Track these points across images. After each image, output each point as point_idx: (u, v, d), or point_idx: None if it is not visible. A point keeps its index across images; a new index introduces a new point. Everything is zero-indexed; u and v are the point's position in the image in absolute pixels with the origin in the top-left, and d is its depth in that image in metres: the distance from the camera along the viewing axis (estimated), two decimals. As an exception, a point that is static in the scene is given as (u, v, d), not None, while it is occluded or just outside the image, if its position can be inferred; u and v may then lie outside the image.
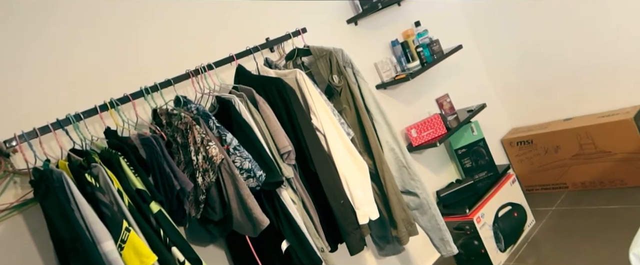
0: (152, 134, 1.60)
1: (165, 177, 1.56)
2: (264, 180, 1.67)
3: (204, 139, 1.60)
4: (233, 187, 1.63)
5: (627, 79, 2.81)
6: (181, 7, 2.09)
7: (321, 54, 2.03)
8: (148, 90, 1.76)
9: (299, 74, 1.87)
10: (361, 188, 1.88)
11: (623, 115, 2.78)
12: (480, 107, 2.87)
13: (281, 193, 1.76)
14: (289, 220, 1.76)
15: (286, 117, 1.84)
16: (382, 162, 2.03)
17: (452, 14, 3.27)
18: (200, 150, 1.61)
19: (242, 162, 1.66)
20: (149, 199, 1.51)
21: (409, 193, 2.11)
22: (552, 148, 3.09)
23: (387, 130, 2.06)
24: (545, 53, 3.07)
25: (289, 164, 1.77)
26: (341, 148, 1.88)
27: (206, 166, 1.62)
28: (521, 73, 3.24)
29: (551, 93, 3.16)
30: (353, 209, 1.88)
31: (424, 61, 2.74)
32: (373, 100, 2.06)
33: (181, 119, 1.64)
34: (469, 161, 2.92)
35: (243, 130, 1.70)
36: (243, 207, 1.64)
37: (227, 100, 1.76)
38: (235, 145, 1.66)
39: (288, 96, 1.82)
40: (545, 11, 2.96)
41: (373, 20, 2.84)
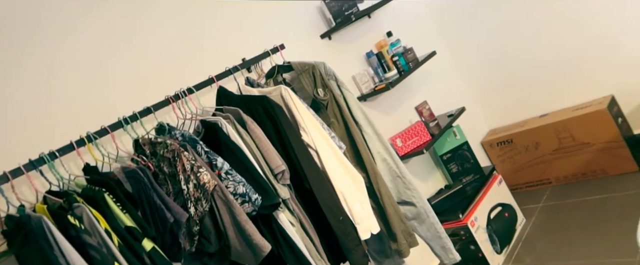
0: (138, 166, 1.50)
1: (156, 210, 1.45)
2: (260, 204, 1.58)
3: (193, 165, 1.51)
4: (229, 215, 1.54)
5: (596, 70, 2.90)
6: (153, 35, 2.01)
7: (303, 68, 1.98)
8: (127, 120, 1.65)
9: (284, 90, 1.81)
10: (359, 202, 1.82)
11: (597, 106, 2.85)
12: (460, 110, 2.89)
13: (278, 216, 1.68)
14: (288, 243, 1.68)
15: (275, 135, 1.77)
16: (376, 174, 1.98)
17: (421, 22, 3.32)
18: (190, 178, 1.52)
19: (235, 186, 1.57)
20: (141, 236, 1.39)
21: (406, 203, 2.06)
22: (532, 145, 3.13)
23: (378, 140, 2.02)
24: (514, 53, 3.14)
25: (284, 184, 1.69)
26: (335, 163, 1.82)
27: (198, 195, 1.52)
28: (493, 75, 3.30)
29: (524, 91, 3.22)
30: (353, 224, 1.81)
31: (401, 70, 2.74)
32: (360, 111, 2.02)
33: (167, 147, 1.55)
34: (455, 166, 2.91)
35: (233, 153, 1.62)
36: (241, 234, 1.54)
37: (213, 123, 1.67)
38: (227, 170, 1.57)
39: (276, 114, 1.76)
40: (510, 12, 3.03)
41: (346, 33, 2.83)
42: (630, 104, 2.89)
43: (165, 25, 2.06)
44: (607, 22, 2.74)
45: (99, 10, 1.88)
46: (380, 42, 2.90)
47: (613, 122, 2.80)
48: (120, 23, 1.93)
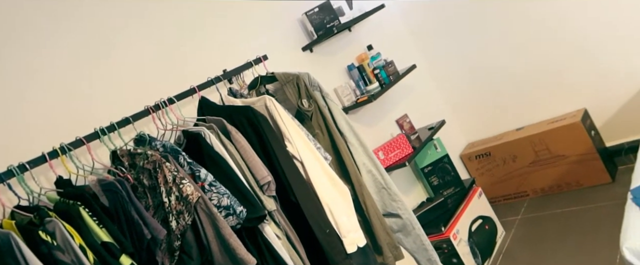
0: (116, 178, 1.42)
1: (134, 226, 1.37)
2: (245, 216, 1.52)
3: (176, 177, 1.44)
4: (212, 228, 1.47)
5: (569, 84, 2.99)
6: (134, 44, 1.95)
7: (288, 79, 1.95)
8: (104, 131, 1.57)
9: (268, 101, 1.77)
10: (346, 214, 1.78)
11: (571, 119, 2.93)
12: (441, 123, 2.91)
13: (264, 228, 1.62)
14: (274, 257, 1.61)
15: (260, 146, 1.72)
16: (361, 186, 1.95)
17: (400, 36, 3.36)
18: (172, 190, 1.45)
19: (219, 198, 1.51)
20: (118, 252, 1.31)
21: (391, 215, 2.04)
22: (509, 158, 3.18)
23: (363, 152, 2.00)
24: (490, 67, 3.21)
25: (270, 195, 1.64)
26: (321, 174, 1.78)
27: (180, 208, 1.45)
28: (470, 89, 3.36)
29: (501, 105, 3.28)
30: (340, 237, 1.77)
31: (382, 83, 2.75)
32: (345, 122, 2.00)
33: (147, 158, 1.48)
34: (436, 178, 2.92)
35: (217, 164, 1.56)
36: (225, 248, 1.48)
37: (195, 133, 1.61)
38: (211, 181, 1.51)
39: (260, 124, 1.71)
40: (486, 27, 3.10)
41: (327, 46, 2.82)
42: (603, 117, 2.98)
43: (147, 35, 2.00)
44: (580, 37, 2.83)
45: (81, 16, 1.81)
46: (361, 55, 2.91)
47: (587, 135, 2.87)
48: (102, 31, 1.86)
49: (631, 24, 2.66)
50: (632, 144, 2.91)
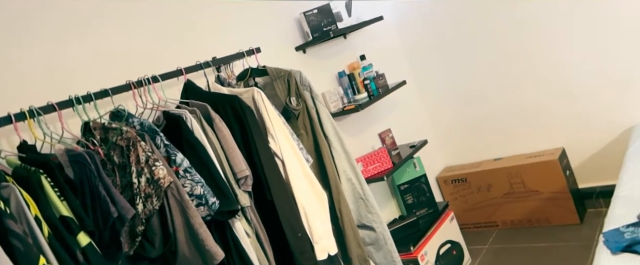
0: (85, 150, 1.33)
1: (99, 202, 1.28)
2: (217, 209, 1.45)
3: (149, 158, 1.36)
4: (181, 216, 1.39)
5: (551, 122, 3.03)
6: (125, 16, 1.86)
7: (279, 74, 1.90)
8: (79, 99, 1.48)
9: (256, 93, 1.71)
10: (320, 220, 1.73)
11: (549, 156, 2.96)
12: (423, 143, 2.90)
13: (234, 224, 1.55)
14: (241, 255, 1.54)
15: (241, 139, 1.66)
16: (339, 193, 1.90)
17: (393, 51, 3.35)
18: (143, 171, 1.36)
19: (193, 186, 1.43)
20: (77, 229, 1.22)
21: (365, 227, 1.99)
22: (485, 186, 3.19)
23: (346, 159, 1.95)
24: (477, 95, 3.23)
25: (245, 190, 1.57)
26: (300, 175, 1.72)
27: (149, 191, 1.37)
28: (456, 113, 3.37)
29: (483, 133, 3.30)
30: (311, 243, 1.71)
31: (371, 94, 2.72)
32: (332, 126, 1.95)
33: (122, 134, 1.39)
34: (411, 197, 2.90)
35: (195, 150, 1.48)
36: (193, 238, 1.40)
37: (177, 115, 1.54)
38: (186, 167, 1.43)
39: (245, 116, 1.65)
40: (476, 56, 3.14)
41: (321, 50, 2.79)
42: (579, 159, 3.03)
43: (141, 11, 1.92)
44: (567, 78, 2.88)
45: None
46: (353, 63, 2.88)
47: (562, 174, 2.91)
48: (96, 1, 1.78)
49: (618, 73, 2.73)
50: (603, 189, 2.96)
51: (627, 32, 2.64)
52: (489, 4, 2.98)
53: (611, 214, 1.93)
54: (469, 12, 3.06)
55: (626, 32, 2.64)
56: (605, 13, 2.66)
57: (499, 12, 2.96)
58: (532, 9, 2.86)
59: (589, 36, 2.74)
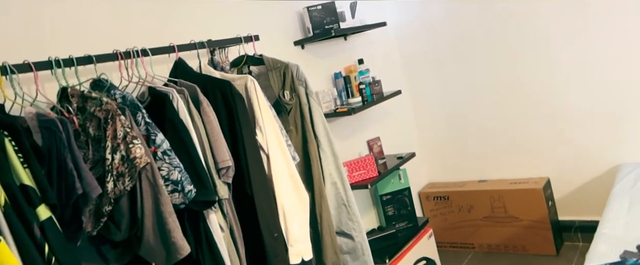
0: (58, 116, 1.22)
1: (65, 175, 1.18)
2: (193, 197, 1.36)
3: (128, 134, 1.26)
4: (152, 201, 1.30)
5: (539, 151, 3.01)
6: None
7: (275, 65, 1.81)
8: (59, 62, 1.37)
9: (250, 81, 1.63)
10: (299, 222, 1.65)
11: (533, 184, 2.94)
12: (411, 155, 2.85)
13: (209, 216, 1.46)
14: (212, 249, 1.45)
15: (228, 127, 1.57)
16: (322, 197, 1.83)
17: (391, 59, 3.30)
18: (119, 147, 1.27)
19: (170, 171, 1.34)
20: (38, 200, 1.11)
21: (344, 234, 1.92)
22: (466, 207, 3.15)
23: (333, 162, 1.88)
24: (468, 115, 3.20)
25: (225, 182, 1.48)
26: (284, 173, 1.64)
27: (123, 169, 1.27)
28: (445, 130, 3.33)
29: (470, 153, 3.27)
30: (286, 245, 1.63)
31: (365, 99, 2.66)
32: (323, 126, 1.88)
33: (101, 105, 1.29)
34: (392, 209, 2.84)
35: (178, 133, 1.39)
36: (160, 227, 1.30)
37: (163, 93, 1.44)
38: (166, 150, 1.34)
39: (235, 104, 1.56)
40: (472, 77, 3.11)
41: (319, 47, 2.71)
42: (562, 190, 3.01)
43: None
44: (561, 110, 2.87)
45: None
46: (350, 66, 2.81)
47: (544, 203, 2.88)
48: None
49: (611, 109, 2.72)
50: (583, 223, 2.95)
51: (624, 70, 2.63)
52: (490, 29, 2.96)
53: (593, 250, 1.89)
54: (470, 34, 3.04)
55: (623, 70, 2.64)
56: (604, 48, 2.65)
57: (500, 39, 2.95)
58: (531, 39, 2.85)
59: (586, 70, 2.73)
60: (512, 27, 2.89)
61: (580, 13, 2.67)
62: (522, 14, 2.84)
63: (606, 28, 2.62)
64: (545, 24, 2.78)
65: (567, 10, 2.70)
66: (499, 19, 2.93)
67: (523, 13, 2.84)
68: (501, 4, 2.89)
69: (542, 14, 2.78)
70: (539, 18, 2.79)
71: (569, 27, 2.72)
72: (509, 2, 2.87)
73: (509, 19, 2.89)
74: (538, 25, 2.81)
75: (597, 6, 2.62)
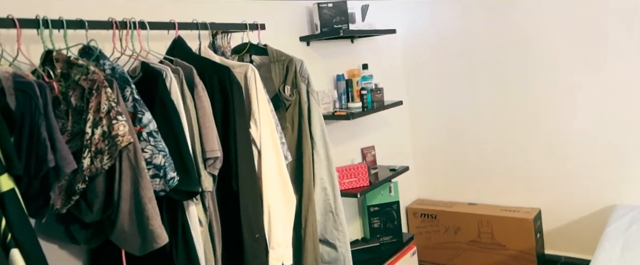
0: (38, 80, 1.12)
1: (37, 145, 1.07)
2: (174, 185, 1.26)
3: (112, 109, 1.16)
4: (131, 184, 1.19)
5: (534, 181, 2.95)
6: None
7: (279, 58, 1.72)
8: (48, 23, 1.26)
9: (251, 71, 1.53)
10: (283, 225, 1.55)
11: (524, 214, 2.87)
12: (404, 169, 2.77)
13: (189, 207, 1.36)
14: (187, 244, 1.35)
15: (221, 116, 1.47)
16: (310, 201, 1.73)
17: (395, 69, 3.23)
18: (101, 122, 1.16)
19: (153, 154, 1.24)
20: (1, 169, 1.01)
21: (328, 243, 1.82)
22: (453, 228, 3.08)
23: (326, 166, 1.79)
24: (467, 135, 3.13)
25: (211, 173, 1.38)
26: (274, 172, 1.54)
27: (102, 146, 1.16)
28: (440, 147, 3.26)
29: (463, 175, 3.20)
30: (267, 247, 1.53)
31: (365, 105, 2.57)
32: (320, 127, 1.78)
33: (87, 74, 1.18)
34: (378, 221, 2.75)
35: (167, 115, 1.29)
36: (137, 213, 1.20)
37: (156, 71, 1.34)
38: (152, 131, 1.24)
39: (232, 92, 1.46)
40: (477, 98, 3.04)
41: (325, 47, 2.63)
42: (552, 223, 2.95)
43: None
44: (562, 142, 2.81)
45: None
46: (354, 70, 2.73)
47: (533, 235, 2.82)
48: None
49: (612, 148, 2.67)
50: (568, 260, 2.89)
51: (633, 108, 2.58)
52: (500, 50, 2.91)
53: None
54: (478, 53, 2.98)
55: (632, 108, 2.59)
56: (616, 84, 2.60)
57: (509, 61, 2.89)
58: (541, 65, 2.79)
59: (595, 104, 2.68)
60: (523, 51, 2.84)
61: (597, 47, 2.62)
62: (535, 39, 2.78)
63: (621, 64, 2.57)
64: (559, 52, 2.73)
65: (584, 41, 2.65)
66: (511, 41, 2.87)
67: (537, 39, 2.78)
68: (516, 26, 2.84)
69: (556, 43, 2.72)
70: (553, 46, 2.74)
71: (583, 59, 2.67)
72: (524, 27, 2.81)
73: (521, 43, 2.83)
74: (550, 54, 2.75)
75: (614, 41, 2.57)
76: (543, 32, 2.76)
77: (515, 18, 2.83)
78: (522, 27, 2.81)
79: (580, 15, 2.64)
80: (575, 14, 2.65)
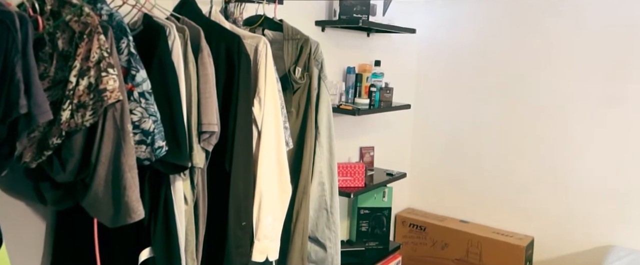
0: (20, 12, 0.97)
1: (9, 86, 0.93)
2: (161, 156, 1.12)
3: (103, 59, 1.02)
4: (113, 147, 1.05)
5: (531, 208, 2.85)
6: None
7: (294, 35, 1.58)
8: (46, -47, 1.11)
9: (263, 44, 1.39)
10: (273, 216, 1.42)
11: (517, 241, 2.77)
12: (402, 175, 2.65)
13: (175, 182, 1.22)
14: (168, 222, 1.22)
15: (223, 88, 1.33)
16: (305, 194, 1.60)
17: (406, 70, 3.10)
18: (89, 73, 1.02)
19: (143, 117, 1.10)
20: (-37, 106, 0.86)
21: (317, 242, 1.70)
22: (440, 243, 2.97)
23: (327, 160, 1.66)
24: (469, 151, 3.02)
25: (204, 148, 1.24)
26: (273, 157, 1.41)
27: (86, 100, 1.02)
28: (441, 159, 3.15)
29: (460, 190, 3.09)
30: (253, 238, 1.40)
31: (372, 103, 2.45)
32: (327, 117, 1.65)
33: (80, 16, 1.04)
34: (367, 225, 2.63)
35: (164, 76, 1.15)
36: (114, 180, 1.06)
37: (159, 26, 1.20)
38: (145, 91, 1.10)
39: (239, 63, 1.32)
40: (485, 115, 2.94)
41: (340, 35, 2.49)
42: (543, 254, 2.85)
43: None
44: (563, 173, 2.71)
45: None
46: (365, 65, 2.59)
47: (522, 263, 2.72)
48: None
49: (616, 189, 2.57)
50: (554, 292, 2.80)
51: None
52: (516, 72, 2.81)
53: None
54: (493, 73, 2.88)
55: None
56: (630, 128, 2.50)
57: (523, 87, 2.79)
58: (555, 95, 2.69)
59: (605, 143, 2.57)
60: (539, 76, 2.73)
61: (619, 84, 2.51)
62: (555, 66, 2.68)
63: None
64: (578, 84, 2.61)
65: (606, 77, 2.54)
66: (528, 64, 2.76)
67: (556, 66, 2.67)
68: (537, 51, 2.73)
69: (577, 74, 2.61)
70: (572, 77, 2.63)
71: (602, 95, 2.56)
72: (545, 52, 2.70)
73: (538, 68, 2.73)
74: (568, 84, 2.64)
75: (638, 81, 2.47)
76: (564, 60, 2.65)
77: (538, 42, 2.72)
78: (543, 53, 2.70)
79: (607, 51, 2.53)
80: (602, 48, 2.54)
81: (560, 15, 2.64)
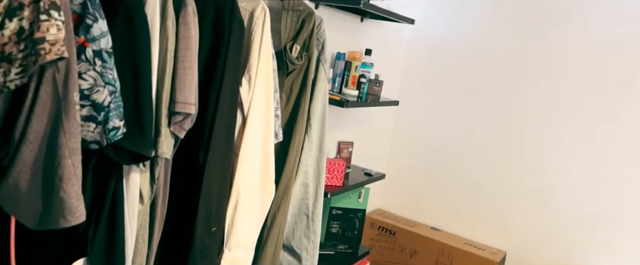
0: None
1: None
2: (116, 139, 0.83)
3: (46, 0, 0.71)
4: (48, 122, 0.76)
5: (508, 224, 2.73)
6: None
7: (295, 7, 1.31)
8: None
9: (261, 10, 1.12)
10: (250, 222, 1.17)
11: (489, 254, 2.65)
12: (380, 176, 2.44)
13: (129, 175, 0.93)
14: (114, 227, 0.93)
15: (205, 60, 1.05)
16: (285, 196, 1.35)
17: (395, 65, 2.89)
18: (21, 12, 0.71)
19: (96, 85, 0.80)
20: None
21: (292, 252, 1.45)
22: (409, 250, 2.81)
23: (315, 158, 1.41)
24: (450, 158, 2.87)
25: (174, 133, 0.96)
26: (257, 151, 1.15)
27: (15, 52, 0.72)
28: (418, 163, 2.98)
29: (435, 197, 2.93)
30: (222, 245, 1.14)
31: (360, 95, 2.21)
32: (322, 109, 1.40)
33: None
34: (338, 227, 2.42)
35: (132, 33, 0.85)
36: (47, 167, 0.77)
37: (132, -35, 0.89)
38: (103, 50, 0.80)
39: (230, 31, 1.04)
40: (471, 123, 2.78)
41: (333, 16, 2.23)
42: (512, 269, 2.76)
43: None
44: (545, 191, 2.60)
45: None
46: (355, 53, 2.35)
47: (493, 277, 2.61)
48: None
49: (597, 214, 2.48)
50: (519, 311, 2.72)
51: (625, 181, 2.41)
52: (509, 84, 2.65)
53: None
54: (486, 79, 2.71)
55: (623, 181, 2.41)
56: (623, 154, 2.41)
57: (514, 98, 2.64)
58: (550, 113, 2.56)
59: (591, 166, 2.47)
60: (533, 89, 2.59)
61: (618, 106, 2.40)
62: (550, 82, 2.54)
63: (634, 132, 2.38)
64: (574, 102, 2.48)
65: (605, 98, 2.42)
66: (523, 76, 2.61)
67: (551, 82, 2.53)
68: (534, 63, 2.58)
69: (574, 91, 2.48)
70: (569, 94, 2.49)
71: (597, 114, 2.44)
72: (542, 66, 2.56)
73: (532, 82, 2.58)
74: (564, 100, 2.50)
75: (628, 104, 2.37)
76: (561, 73, 2.51)
77: (538, 53, 2.57)
78: (542, 64, 2.55)
79: (605, 67, 2.41)
80: (601, 65, 2.42)
81: (566, 27, 2.50)
